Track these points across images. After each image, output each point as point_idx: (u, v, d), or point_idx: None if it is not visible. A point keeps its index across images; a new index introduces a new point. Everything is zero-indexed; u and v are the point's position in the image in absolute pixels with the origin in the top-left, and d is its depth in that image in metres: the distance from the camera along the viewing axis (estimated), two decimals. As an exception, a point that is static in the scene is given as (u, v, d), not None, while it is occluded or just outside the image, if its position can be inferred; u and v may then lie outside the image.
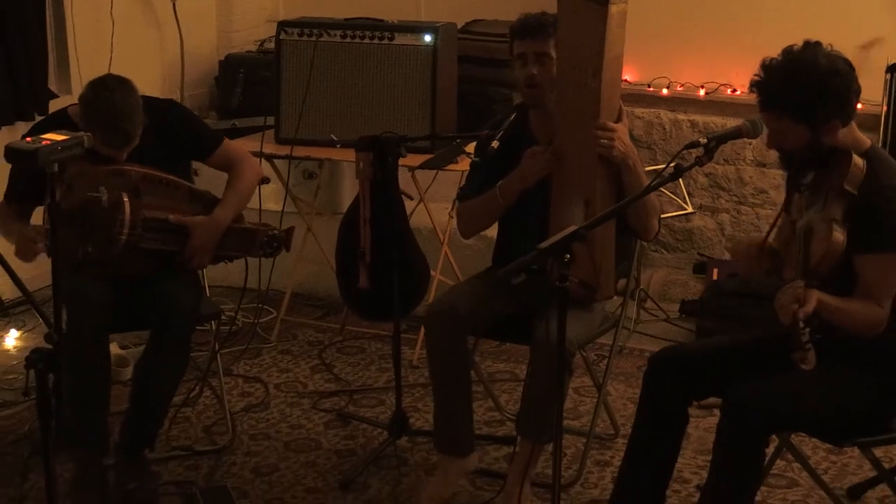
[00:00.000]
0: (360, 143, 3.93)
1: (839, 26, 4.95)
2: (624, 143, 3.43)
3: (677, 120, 5.56)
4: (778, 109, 2.98)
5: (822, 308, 2.81)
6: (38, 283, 4.72)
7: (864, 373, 3.02)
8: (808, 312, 2.77)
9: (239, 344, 4.79)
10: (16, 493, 3.66)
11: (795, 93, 2.94)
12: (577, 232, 2.80)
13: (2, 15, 5.03)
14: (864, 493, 3.69)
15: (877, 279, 2.93)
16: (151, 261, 3.69)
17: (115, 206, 3.54)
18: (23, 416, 4.20)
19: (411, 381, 4.50)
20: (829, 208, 2.93)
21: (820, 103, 2.94)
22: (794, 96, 2.95)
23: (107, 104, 3.50)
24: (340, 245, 4.17)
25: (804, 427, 3.20)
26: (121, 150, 3.56)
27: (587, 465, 3.84)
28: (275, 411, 4.32)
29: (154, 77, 5.91)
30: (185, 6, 5.94)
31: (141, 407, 3.65)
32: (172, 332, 3.63)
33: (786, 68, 2.97)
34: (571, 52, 3.42)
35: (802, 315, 2.76)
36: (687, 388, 3.24)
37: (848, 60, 2.99)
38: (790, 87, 2.95)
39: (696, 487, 3.69)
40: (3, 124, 5.08)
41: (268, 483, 3.79)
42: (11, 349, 4.81)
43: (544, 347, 3.30)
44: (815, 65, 2.94)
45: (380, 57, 4.86)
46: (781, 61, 2.98)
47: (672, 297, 5.29)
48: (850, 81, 2.96)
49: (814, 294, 2.80)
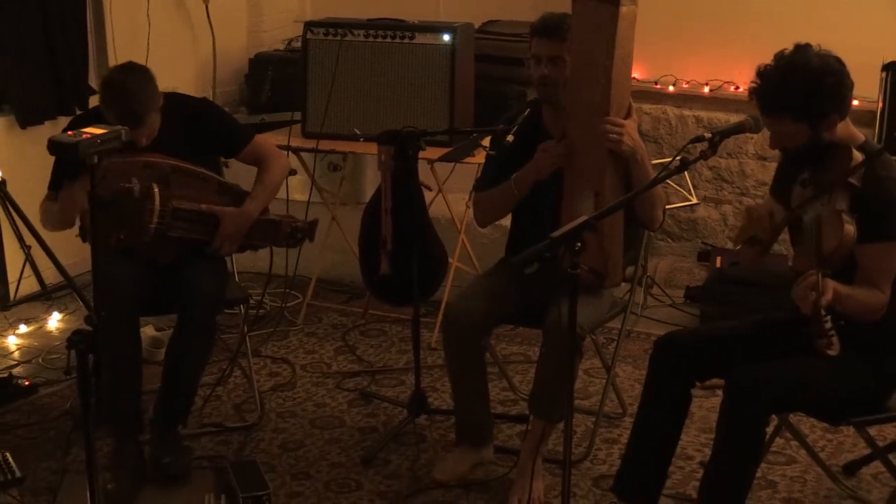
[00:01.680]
0: (382, 137, 3.92)
1: (837, 26, 4.93)
2: (633, 137, 3.42)
3: (683, 116, 5.54)
4: (778, 113, 2.96)
5: (835, 296, 2.79)
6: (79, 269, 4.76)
7: (860, 356, 3.00)
8: (829, 300, 2.75)
9: (267, 327, 4.80)
10: (58, 465, 3.68)
11: (793, 95, 2.92)
12: (587, 222, 2.79)
13: (46, 16, 5.05)
14: (858, 470, 3.68)
15: (877, 267, 2.92)
16: (180, 248, 3.69)
17: (145, 196, 3.54)
18: (64, 394, 4.22)
19: (430, 363, 4.50)
20: (834, 200, 2.91)
21: (817, 102, 2.92)
22: (791, 99, 2.93)
23: (120, 85, 3.53)
24: (363, 233, 4.17)
25: (803, 407, 3.19)
26: (134, 129, 3.51)
27: (596, 443, 3.83)
28: (301, 390, 4.32)
29: (187, 75, 5.92)
30: (217, 8, 5.94)
31: (171, 385, 3.66)
32: (197, 315, 3.64)
33: (780, 73, 2.94)
34: (584, 50, 3.40)
35: (824, 303, 2.74)
36: (690, 371, 3.23)
37: (838, 58, 2.96)
38: (787, 90, 2.93)
39: (699, 464, 3.69)
40: (46, 118, 5.10)
41: (294, 458, 3.80)
42: (54, 331, 4.83)
43: (556, 331, 3.29)
44: (808, 66, 2.92)
45: (401, 55, 4.85)
46: (775, 66, 2.96)
47: (677, 284, 5.28)
48: (843, 78, 2.94)
49: (829, 283, 2.78)
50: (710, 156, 2.95)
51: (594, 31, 3.36)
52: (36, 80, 5.04)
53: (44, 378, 4.36)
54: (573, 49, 3.45)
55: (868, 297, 2.91)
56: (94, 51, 5.39)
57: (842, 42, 3.03)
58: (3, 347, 4.68)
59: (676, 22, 5.38)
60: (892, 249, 2.93)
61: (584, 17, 3.38)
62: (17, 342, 4.73)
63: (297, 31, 5.67)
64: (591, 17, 3.36)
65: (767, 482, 3.62)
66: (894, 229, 2.91)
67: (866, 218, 2.89)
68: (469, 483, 3.61)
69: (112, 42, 5.41)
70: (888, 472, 3.29)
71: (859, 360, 3.01)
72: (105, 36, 5.42)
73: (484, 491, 3.58)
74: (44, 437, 3.92)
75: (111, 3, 5.41)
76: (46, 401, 4.19)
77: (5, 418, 4.02)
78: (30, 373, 4.43)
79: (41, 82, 5.07)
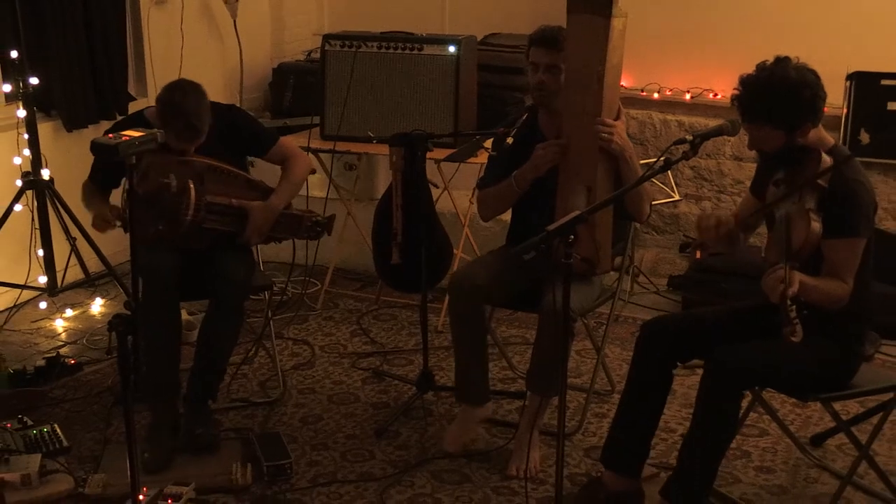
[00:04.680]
0: (393, 139, 3.92)
1: (806, 39, 4.90)
2: (622, 137, 3.42)
3: (666, 120, 5.53)
4: (757, 120, 2.95)
5: (801, 287, 2.78)
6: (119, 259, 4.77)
7: (827, 339, 3.00)
8: (796, 291, 2.74)
9: (289, 311, 4.80)
10: (101, 436, 3.70)
11: (772, 105, 2.91)
12: (579, 216, 2.79)
13: (89, 32, 5.05)
14: (824, 441, 3.68)
15: (842, 260, 2.91)
16: (212, 239, 3.69)
17: (182, 191, 3.54)
18: (106, 372, 4.22)
19: (436, 345, 4.50)
20: (804, 199, 2.90)
21: (794, 111, 2.91)
22: (770, 108, 2.91)
23: (181, 105, 3.51)
24: (376, 227, 4.17)
25: (775, 385, 3.18)
26: (190, 144, 3.57)
27: (587, 417, 3.83)
28: (319, 369, 4.32)
29: (217, 83, 5.91)
30: (243, 22, 5.93)
31: (203, 363, 3.66)
32: (227, 300, 3.63)
33: (761, 83, 2.93)
34: (578, 58, 3.39)
35: (791, 294, 2.73)
36: (673, 352, 3.22)
37: (814, 70, 2.95)
38: (766, 100, 2.91)
39: (680, 436, 3.68)
40: (89, 122, 5.10)
41: (313, 430, 3.80)
42: (97, 315, 4.84)
43: (551, 315, 3.29)
44: (786, 78, 2.90)
45: (410, 65, 4.84)
46: (756, 77, 2.95)
47: (661, 273, 5.27)
48: (817, 89, 2.92)
49: (796, 275, 2.77)
50: (692, 156, 2.94)
51: (588, 41, 3.35)
52: (80, 88, 5.04)
53: (88, 357, 4.36)
54: (568, 56, 3.44)
55: (833, 287, 2.90)
56: (132, 62, 5.39)
57: (810, 54, 3.02)
58: (51, 330, 4.69)
59: (660, 36, 5.37)
60: (854, 244, 2.92)
61: (579, 28, 3.37)
62: (63, 325, 4.73)
63: (316, 43, 5.66)
64: (586, 28, 3.35)
65: (742, 452, 3.62)
66: (857, 226, 2.90)
67: (832, 215, 2.88)
68: (472, 453, 3.61)
69: (149, 54, 5.42)
70: (851, 443, 3.28)
71: (826, 342, 3.01)
72: (143, 48, 5.42)
73: (485, 460, 3.58)
74: (88, 410, 3.92)
75: (149, 19, 5.41)
76: (90, 378, 4.20)
77: (54, 393, 4.03)
78: (75, 353, 4.43)
79: (85, 90, 5.06)
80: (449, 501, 3.35)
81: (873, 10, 5.04)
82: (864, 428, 3.44)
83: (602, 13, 3.30)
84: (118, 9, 5.20)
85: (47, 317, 4.79)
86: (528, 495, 3.33)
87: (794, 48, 3.05)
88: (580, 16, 3.36)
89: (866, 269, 2.98)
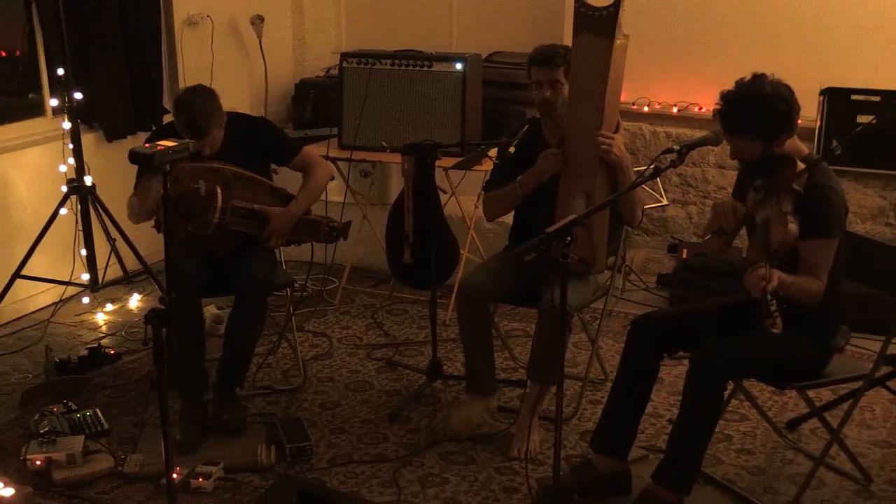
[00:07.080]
0: (405, 149, 3.93)
1: (782, 58, 4.91)
2: (620, 149, 3.41)
3: (655, 131, 5.53)
4: (737, 132, 2.96)
5: (779, 283, 2.78)
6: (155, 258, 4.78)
7: (803, 333, 3.00)
8: (775, 287, 2.74)
9: (309, 307, 4.80)
10: (138, 420, 3.71)
11: (750, 118, 2.91)
12: (576, 220, 2.79)
13: (127, 49, 5.06)
14: (799, 426, 3.68)
15: (816, 259, 2.90)
16: (237, 240, 3.70)
17: (210, 196, 3.55)
18: (143, 361, 4.23)
19: (444, 337, 4.49)
20: (781, 203, 2.90)
21: (770, 123, 2.91)
22: (749, 121, 2.92)
23: (190, 105, 3.54)
24: (389, 229, 4.18)
25: (755, 374, 3.18)
26: (198, 141, 3.52)
27: (583, 404, 3.83)
28: (337, 359, 4.33)
29: (244, 97, 5.93)
30: (268, 41, 5.94)
31: (230, 354, 3.66)
32: (251, 296, 3.63)
33: (740, 98, 2.93)
34: (582, 75, 3.39)
35: (770, 289, 2.73)
36: (661, 345, 3.22)
37: (788, 85, 2.95)
38: (745, 113, 2.92)
39: (668, 421, 3.68)
40: (128, 133, 5.12)
41: (332, 415, 3.81)
42: (134, 309, 4.85)
43: (549, 310, 3.30)
44: (762, 93, 2.91)
45: (421, 80, 4.85)
46: (735, 92, 2.95)
47: (651, 272, 5.27)
48: (792, 102, 2.93)
49: (775, 272, 2.77)
50: (679, 164, 2.94)
51: (592, 60, 3.35)
52: (120, 102, 5.05)
53: (126, 348, 4.37)
54: (573, 73, 3.44)
55: (808, 284, 2.90)
56: (167, 78, 5.39)
57: (785, 71, 3.02)
58: (93, 323, 4.70)
59: (650, 54, 5.36)
60: (828, 244, 2.92)
61: (584, 48, 3.37)
62: (104, 318, 4.75)
63: (335, 60, 5.67)
64: (590, 47, 3.35)
65: (724, 436, 3.62)
66: (830, 228, 2.90)
67: (807, 218, 2.88)
68: (477, 437, 3.61)
69: (182, 70, 5.43)
70: (823, 427, 3.28)
71: (802, 336, 3.01)
72: (177, 65, 5.43)
73: (489, 443, 3.58)
74: (126, 396, 3.93)
75: (182, 39, 5.42)
76: (128, 367, 4.21)
77: (96, 381, 4.04)
78: (115, 343, 4.44)
79: (124, 104, 5.07)
80: (456, 481, 3.35)
81: (845, 31, 5.03)
82: (835, 414, 3.43)
83: (606, 35, 3.30)
84: (154, 30, 5.21)
85: (89, 311, 4.81)
86: (528, 475, 3.33)
87: (772, 66, 3.06)
88: (586, 36, 3.36)
89: (838, 268, 2.98)
